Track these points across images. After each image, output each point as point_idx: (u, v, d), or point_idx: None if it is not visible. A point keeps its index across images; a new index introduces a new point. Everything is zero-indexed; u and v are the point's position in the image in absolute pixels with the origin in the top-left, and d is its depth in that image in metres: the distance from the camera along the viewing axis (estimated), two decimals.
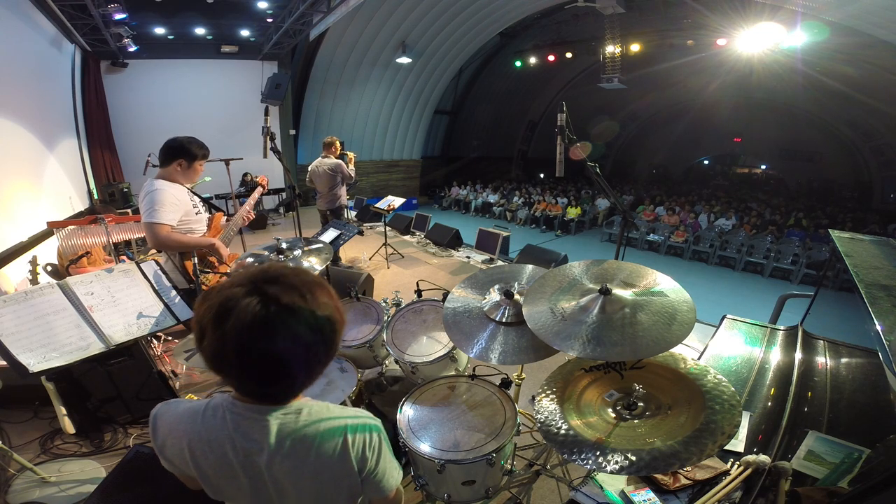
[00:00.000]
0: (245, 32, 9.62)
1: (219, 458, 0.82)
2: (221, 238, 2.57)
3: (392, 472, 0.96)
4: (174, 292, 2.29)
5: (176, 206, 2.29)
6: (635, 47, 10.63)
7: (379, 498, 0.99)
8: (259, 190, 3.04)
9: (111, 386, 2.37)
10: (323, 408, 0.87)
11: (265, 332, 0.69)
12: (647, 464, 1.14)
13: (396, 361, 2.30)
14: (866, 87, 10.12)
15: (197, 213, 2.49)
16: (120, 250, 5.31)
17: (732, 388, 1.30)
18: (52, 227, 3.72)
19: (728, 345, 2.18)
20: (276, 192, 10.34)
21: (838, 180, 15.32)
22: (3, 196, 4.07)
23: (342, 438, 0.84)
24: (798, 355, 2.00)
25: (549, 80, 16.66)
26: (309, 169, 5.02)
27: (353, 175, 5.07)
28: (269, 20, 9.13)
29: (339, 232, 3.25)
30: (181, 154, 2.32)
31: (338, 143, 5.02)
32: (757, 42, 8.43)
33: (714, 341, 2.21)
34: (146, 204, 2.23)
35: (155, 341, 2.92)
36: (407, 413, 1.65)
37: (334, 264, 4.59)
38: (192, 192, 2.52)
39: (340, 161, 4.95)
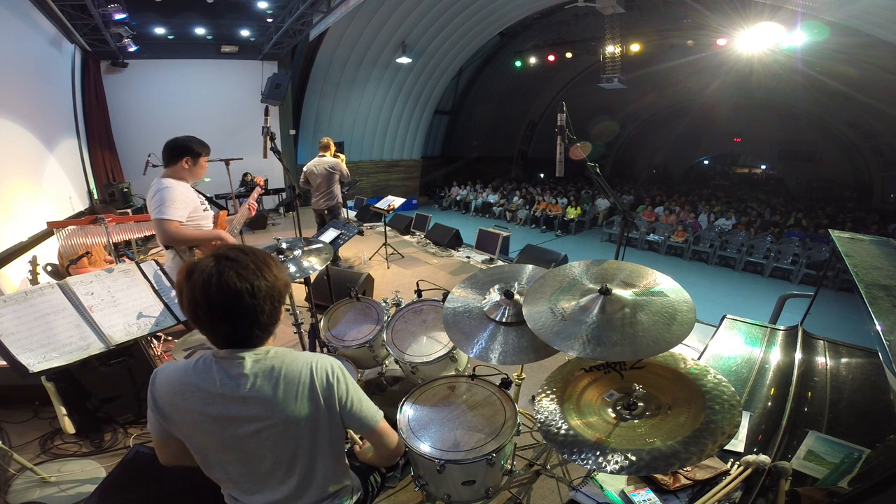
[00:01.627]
0: (245, 32, 9.60)
1: (204, 397, 0.98)
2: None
3: (367, 403, 1.13)
4: (174, 292, 2.29)
5: (185, 202, 2.33)
6: (635, 47, 10.63)
7: (369, 433, 1.15)
8: (258, 189, 3.08)
9: (111, 386, 2.38)
10: (287, 350, 1.06)
11: (219, 276, 0.92)
12: (647, 464, 1.14)
13: (396, 361, 2.30)
14: (866, 87, 10.12)
15: (205, 210, 2.53)
16: (120, 250, 5.32)
17: (732, 388, 1.30)
18: (52, 227, 3.72)
19: (728, 345, 2.18)
20: (276, 192, 10.32)
21: (838, 180, 15.30)
22: (3, 196, 4.07)
23: (308, 371, 1.02)
24: (798, 355, 2.00)
25: (549, 80, 16.64)
26: (305, 169, 5.05)
27: (349, 174, 5.17)
28: (269, 20, 9.11)
29: (339, 232, 3.25)
30: (186, 152, 2.36)
31: (333, 144, 5.11)
32: (757, 42, 8.43)
33: (714, 341, 2.21)
34: (156, 201, 2.26)
35: (155, 341, 2.92)
36: (407, 413, 1.65)
37: (334, 264, 4.60)
38: (196, 190, 2.54)
39: (338, 160, 5.02)
